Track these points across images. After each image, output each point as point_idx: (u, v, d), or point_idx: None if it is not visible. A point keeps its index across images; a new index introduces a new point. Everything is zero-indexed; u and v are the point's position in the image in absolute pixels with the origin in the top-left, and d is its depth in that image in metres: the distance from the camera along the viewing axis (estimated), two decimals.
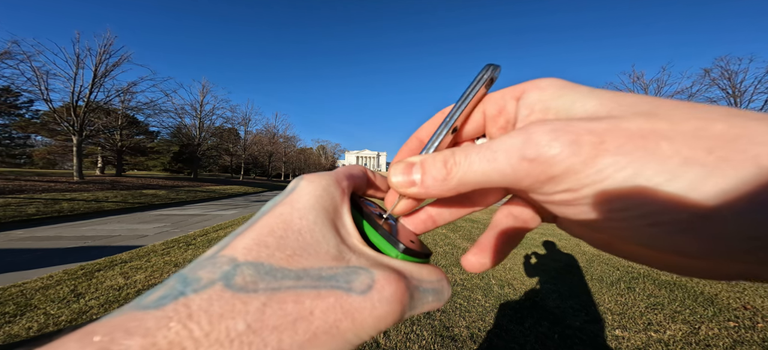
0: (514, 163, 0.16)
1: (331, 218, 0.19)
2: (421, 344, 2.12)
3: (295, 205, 0.18)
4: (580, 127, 0.15)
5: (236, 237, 0.17)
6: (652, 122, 0.14)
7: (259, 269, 0.15)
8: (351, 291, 0.16)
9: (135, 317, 0.13)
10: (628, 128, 0.14)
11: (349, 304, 0.15)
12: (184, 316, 0.13)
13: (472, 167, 0.17)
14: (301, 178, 0.21)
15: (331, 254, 0.17)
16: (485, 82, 0.21)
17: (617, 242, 0.18)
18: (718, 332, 2.39)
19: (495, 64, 0.21)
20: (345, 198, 0.21)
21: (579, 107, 0.17)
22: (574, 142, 0.14)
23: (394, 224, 0.23)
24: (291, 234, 0.17)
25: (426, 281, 0.19)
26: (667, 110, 0.14)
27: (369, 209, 0.24)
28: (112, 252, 4.28)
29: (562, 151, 0.14)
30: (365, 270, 0.17)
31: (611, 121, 0.15)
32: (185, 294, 0.14)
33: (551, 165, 0.15)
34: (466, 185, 0.18)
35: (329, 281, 0.16)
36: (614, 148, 0.14)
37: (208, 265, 0.15)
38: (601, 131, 0.14)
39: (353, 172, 0.23)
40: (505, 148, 0.16)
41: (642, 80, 21.60)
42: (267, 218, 0.18)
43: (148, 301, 0.14)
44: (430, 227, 0.25)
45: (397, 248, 0.20)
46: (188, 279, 0.15)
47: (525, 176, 0.16)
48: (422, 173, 0.19)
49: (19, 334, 2.15)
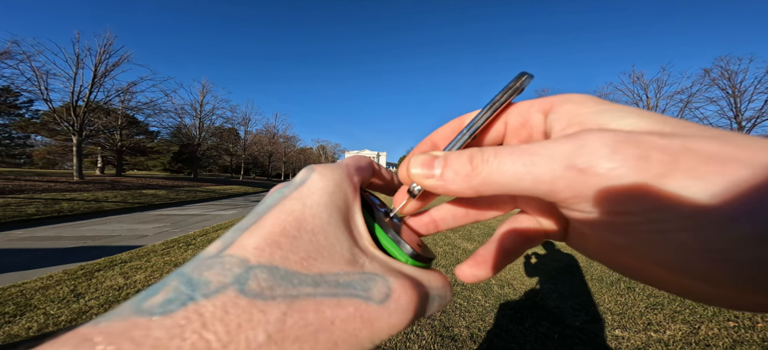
0: (557, 170, 0.14)
1: (344, 218, 0.18)
2: (421, 344, 2.12)
3: (306, 201, 0.17)
4: (649, 141, 0.13)
5: (243, 234, 0.16)
6: (727, 146, 0.12)
7: (274, 273, 0.14)
8: (370, 299, 0.15)
9: (139, 324, 0.12)
10: (703, 149, 0.12)
11: (369, 313, 0.15)
12: (198, 326, 0.12)
13: (501, 167, 0.15)
14: (311, 169, 0.19)
15: (346, 258, 0.17)
16: (516, 91, 0.20)
17: (642, 266, 0.16)
18: (717, 332, 2.39)
19: (529, 74, 0.20)
20: (357, 196, 0.20)
21: (627, 125, 0.15)
22: (640, 157, 0.12)
23: (399, 224, 0.23)
24: (304, 235, 0.16)
25: (434, 287, 0.19)
26: (740, 138, 0.12)
27: (375, 205, 0.23)
28: (112, 252, 4.28)
29: (621, 165, 0.13)
30: (381, 278, 0.17)
31: (681, 139, 0.13)
32: (195, 299, 0.13)
33: (605, 179, 0.13)
34: (489, 186, 0.16)
35: (347, 288, 0.15)
36: (688, 169, 0.12)
37: (216, 266, 0.14)
38: (674, 150, 0.12)
39: (362, 164, 0.23)
40: (548, 153, 0.14)
41: (642, 80, 21.60)
42: (276, 214, 0.17)
43: (150, 305, 0.13)
44: (431, 231, 0.25)
45: (406, 253, 0.20)
46: (194, 281, 0.14)
47: (566, 187, 0.14)
48: (444, 167, 0.17)
49: (19, 334, 2.15)
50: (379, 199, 0.26)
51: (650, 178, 0.12)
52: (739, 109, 17.45)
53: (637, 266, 0.17)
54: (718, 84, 18.01)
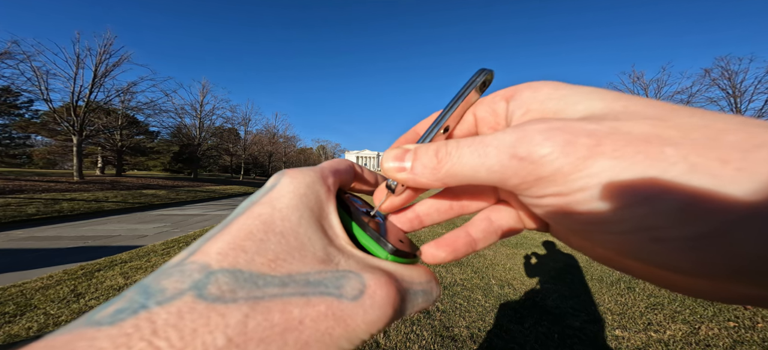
0: (503, 159, 0.15)
1: (317, 218, 0.18)
2: (421, 344, 2.12)
3: (275, 204, 0.17)
4: (578, 127, 0.14)
5: (208, 242, 0.16)
6: (659, 127, 0.13)
7: (237, 276, 0.14)
8: (342, 297, 0.15)
9: (85, 335, 0.11)
10: (631, 131, 0.13)
11: (341, 311, 0.15)
12: (147, 333, 0.12)
13: (461, 159, 0.16)
14: (282, 174, 0.19)
15: (318, 258, 0.16)
16: (477, 86, 0.21)
17: (617, 256, 0.17)
18: (718, 332, 2.39)
19: (488, 69, 0.21)
20: (331, 196, 0.20)
21: (582, 108, 0.16)
22: (568, 142, 0.13)
23: (382, 222, 0.23)
24: (272, 237, 0.16)
25: (416, 282, 0.19)
26: (679, 117, 0.13)
27: (355, 206, 0.23)
28: (112, 252, 4.28)
29: (553, 151, 0.14)
30: (355, 274, 0.16)
31: (614, 123, 0.14)
32: (147, 307, 0.12)
33: (541, 165, 0.14)
34: (454, 177, 0.17)
35: (318, 287, 0.15)
36: (610, 151, 0.13)
37: (176, 273, 0.14)
38: (601, 134, 0.13)
39: (339, 167, 0.22)
40: (496, 143, 0.15)
41: (642, 80, 21.62)
42: (243, 219, 0.16)
43: (101, 316, 0.12)
44: (416, 227, 0.25)
45: (386, 249, 0.19)
46: (150, 289, 0.13)
47: (513, 174, 0.15)
48: (414, 160, 0.18)
49: (19, 334, 2.15)
50: (362, 200, 0.26)
51: (575, 160, 0.13)
52: (740, 109, 17.46)
53: (590, 248, 0.18)
54: (718, 84, 18.05)
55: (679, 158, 0.12)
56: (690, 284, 0.15)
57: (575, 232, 0.16)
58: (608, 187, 0.13)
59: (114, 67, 18.44)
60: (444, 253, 0.22)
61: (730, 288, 0.14)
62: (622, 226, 0.13)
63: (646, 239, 0.13)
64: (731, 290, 0.14)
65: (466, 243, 0.22)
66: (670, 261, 0.13)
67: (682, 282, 0.15)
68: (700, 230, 0.11)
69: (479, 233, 0.22)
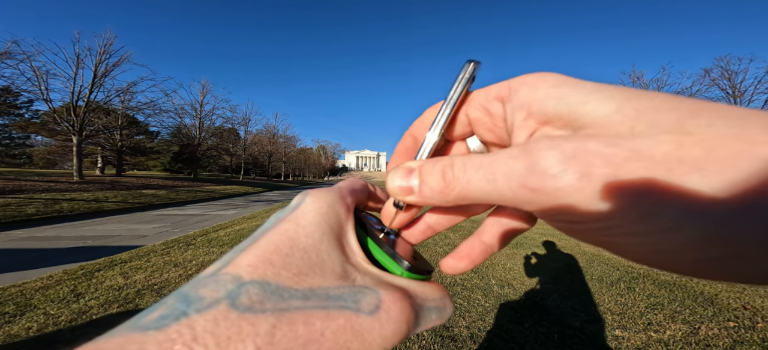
0: (514, 188, 0.15)
1: (337, 236, 0.19)
2: (421, 344, 2.12)
3: (300, 222, 0.18)
4: (594, 152, 0.13)
5: (239, 254, 0.17)
6: (681, 145, 0.12)
7: (265, 288, 0.15)
8: (360, 311, 0.16)
9: (134, 339, 0.13)
10: (651, 154, 0.12)
11: (359, 325, 0.15)
12: (188, 338, 0.13)
13: (470, 184, 0.16)
14: (306, 194, 0.21)
15: (337, 273, 0.17)
16: (467, 82, 0.20)
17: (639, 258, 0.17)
18: (718, 332, 2.39)
19: (475, 60, 0.20)
20: (350, 216, 0.21)
21: (588, 113, 0.15)
22: (584, 175, 0.13)
23: (394, 239, 0.24)
24: (297, 252, 0.17)
25: (430, 299, 0.20)
26: (702, 125, 0.12)
27: (371, 223, 0.24)
28: (112, 252, 4.28)
29: (570, 184, 0.13)
30: (372, 290, 0.17)
31: (630, 143, 0.13)
32: (188, 315, 0.13)
33: (556, 198, 0.14)
34: (464, 199, 0.17)
35: (338, 301, 0.16)
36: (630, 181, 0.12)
37: (211, 283, 0.15)
38: (619, 160, 0.12)
39: (356, 187, 0.24)
40: (504, 171, 0.15)
41: (642, 80, 21.60)
42: (271, 234, 0.18)
43: (147, 321, 0.13)
44: (428, 236, 0.26)
45: (402, 266, 0.20)
46: (190, 297, 0.14)
47: (526, 203, 0.15)
48: (420, 182, 0.18)
49: (19, 334, 2.15)
50: (376, 218, 0.27)
51: (592, 193, 0.13)
52: None
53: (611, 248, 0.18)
54: (718, 84, 18.05)
55: (705, 187, 0.11)
56: None
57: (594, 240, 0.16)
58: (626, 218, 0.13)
59: (114, 67, 18.42)
60: (463, 265, 0.22)
61: None
62: (643, 248, 0.13)
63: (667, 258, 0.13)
64: None
65: (482, 251, 0.22)
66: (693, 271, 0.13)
67: None
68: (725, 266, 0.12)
69: (492, 238, 0.23)
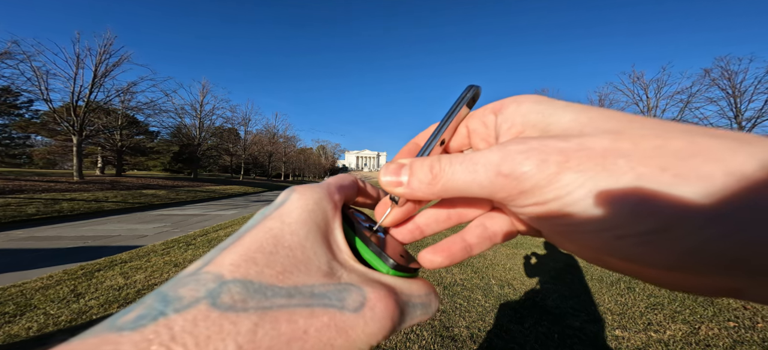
0: (491, 176, 0.17)
1: (323, 233, 0.19)
2: (421, 344, 2.12)
3: (285, 220, 0.18)
4: (550, 146, 0.16)
5: (221, 252, 0.17)
6: (615, 140, 0.15)
7: (247, 287, 0.15)
8: (344, 309, 0.16)
9: (109, 339, 0.12)
10: (593, 146, 0.15)
11: (343, 322, 0.15)
12: (166, 338, 0.12)
13: (454, 175, 0.18)
14: (291, 190, 0.20)
15: (323, 271, 0.17)
16: (467, 101, 0.23)
17: (601, 255, 0.18)
18: (718, 332, 2.39)
19: (476, 85, 0.24)
20: (337, 213, 0.21)
21: (555, 122, 0.18)
22: (543, 161, 0.15)
23: (383, 237, 0.24)
24: (281, 250, 0.17)
25: (415, 296, 0.20)
26: (634, 129, 0.15)
27: (359, 220, 0.24)
28: (112, 252, 4.29)
29: (531, 168, 0.16)
30: (356, 288, 0.17)
31: (579, 140, 0.16)
32: (166, 314, 0.13)
33: (522, 181, 0.16)
34: (449, 191, 0.19)
35: (322, 299, 0.16)
36: (575, 165, 0.15)
37: (191, 282, 0.15)
38: (569, 151, 0.15)
39: (344, 183, 0.24)
40: (484, 162, 0.17)
41: (642, 80, 21.59)
42: (255, 232, 0.18)
43: (123, 321, 0.13)
44: (417, 237, 0.26)
45: (387, 264, 0.20)
46: (169, 297, 0.14)
47: (500, 189, 0.17)
48: (410, 175, 0.20)
49: (19, 334, 2.15)
50: (364, 215, 0.27)
51: (548, 175, 0.15)
52: (739, 109, 17.45)
53: (575, 249, 0.19)
54: (718, 84, 18.02)
55: (629, 168, 0.14)
56: (663, 276, 0.17)
57: (558, 234, 0.18)
58: (574, 196, 0.15)
59: (114, 67, 18.40)
60: (440, 258, 0.23)
61: (703, 281, 0.15)
62: (590, 226, 0.15)
63: (611, 237, 0.15)
64: (705, 283, 0.15)
65: (462, 249, 0.23)
66: (634, 255, 0.15)
67: (656, 275, 0.17)
68: (649, 228, 0.13)
69: (474, 238, 0.23)
